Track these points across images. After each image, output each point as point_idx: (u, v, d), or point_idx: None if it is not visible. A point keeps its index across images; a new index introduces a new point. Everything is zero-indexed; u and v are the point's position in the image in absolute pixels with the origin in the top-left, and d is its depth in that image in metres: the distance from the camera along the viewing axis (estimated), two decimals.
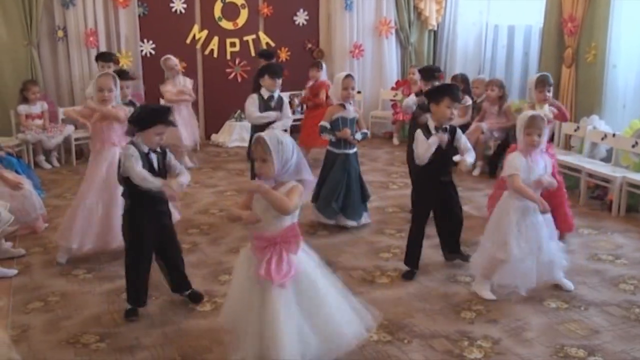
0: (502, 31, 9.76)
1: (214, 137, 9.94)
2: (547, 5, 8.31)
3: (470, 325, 4.26)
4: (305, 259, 3.53)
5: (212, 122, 10.01)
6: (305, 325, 3.41)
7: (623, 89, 7.41)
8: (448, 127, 4.84)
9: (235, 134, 9.70)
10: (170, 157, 4.36)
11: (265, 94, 6.33)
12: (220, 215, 6.38)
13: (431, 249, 5.43)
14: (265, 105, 6.28)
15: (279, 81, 6.40)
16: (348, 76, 5.88)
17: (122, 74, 6.03)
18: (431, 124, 4.82)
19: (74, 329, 4.21)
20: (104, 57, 8.39)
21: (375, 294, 4.72)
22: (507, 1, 9.61)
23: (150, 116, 4.19)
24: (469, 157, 4.85)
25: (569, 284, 4.76)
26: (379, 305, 4.51)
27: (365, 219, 6.17)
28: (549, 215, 4.57)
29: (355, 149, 6.07)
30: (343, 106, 5.90)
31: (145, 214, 4.25)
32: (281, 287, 3.36)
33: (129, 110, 5.14)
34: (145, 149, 4.16)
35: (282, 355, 3.27)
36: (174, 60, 8.15)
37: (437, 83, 6.66)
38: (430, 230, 5.97)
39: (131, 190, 4.19)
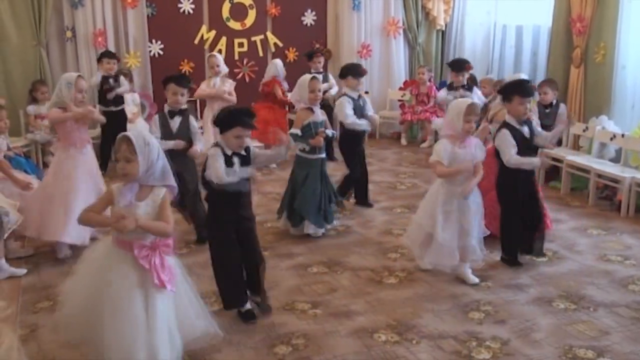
0: (510, 31, 9.73)
1: None
2: (556, 5, 8.28)
3: (479, 325, 4.25)
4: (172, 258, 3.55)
5: None
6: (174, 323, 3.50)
7: (632, 89, 7.39)
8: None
9: None
10: (254, 151, 4.27)
11: (352, 94, 6.31)
12: None
13: None
14: (356, 106, 6.29)
15: (362, 80, 6.47)
16: (314, 78, 5.73)
17: (182, 80, 5.56)
18: (512, 121, 4.96)
19: None
20: (109, 54, 8.49)
21: (383, 294, 4.73)
22: (515, 1, 9.58)
23: (227, 118, 4.09)
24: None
25: (472, 279, 4.90)
26: (387, 305, 4.54)
27: (336, 218, 6.11)
28: (480, 203, 4.87)
29: (324, 154, 5.95)
30: (311, 110, 5.74)
31: (228, 220, 4.19)
32: (172, 291, 3.42)
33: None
34: (229, 152, 4.09)
35: (162, 357, 3.35)
36: (215, 60, 7.91)
37: (466, 74, 6.66)
38: None
39: (213, 195, 4.17)
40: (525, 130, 5.00)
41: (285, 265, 5.28)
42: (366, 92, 10.26)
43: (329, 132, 5.83)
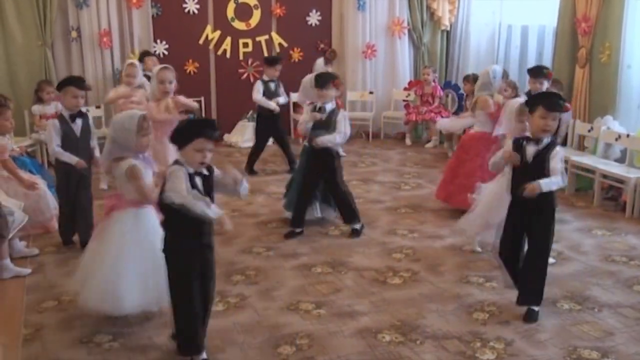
0: (515, 31, 9.73)
1: (226, 137, 9.92)
2: (561, 5, 8.27)
3: (483, 326, 4.24)
4: None
5: (225, 122, 10.01)
6: None
7: (637, 89, 7.38)
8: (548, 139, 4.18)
9: (247, 134, 9.69)
10: (217, 173, 3.73)
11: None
12: (233, 215, 6.37)
13: (443, 249, 5.44)
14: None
15: (325, 92, 5.65)
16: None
17: (82, 83, 5.44)
18: (527, 134, 4.31)
19: (87, 328, 4.22)
20: (148, 53, 8.90)
21: (387, 295, 4.72)
22: (521, 1, 9.57)
23: (186, 130, 3.59)
24: (544, 181, 4.03)
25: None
26: (391, 305, 4.53)
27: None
28: None
29: None
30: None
31: (191, 248, 3.65)
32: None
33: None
34: (190, 170, 3.55)
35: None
36: (134, 70, 7.25)
37: (545, 82, 6.56)
38: (444, 230, 5.98)
39: (174, 220, 3.59)
40: (530, 149, 4.16)
41: (289, 265, 5.28)
42: (370, 93, 10.31)
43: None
